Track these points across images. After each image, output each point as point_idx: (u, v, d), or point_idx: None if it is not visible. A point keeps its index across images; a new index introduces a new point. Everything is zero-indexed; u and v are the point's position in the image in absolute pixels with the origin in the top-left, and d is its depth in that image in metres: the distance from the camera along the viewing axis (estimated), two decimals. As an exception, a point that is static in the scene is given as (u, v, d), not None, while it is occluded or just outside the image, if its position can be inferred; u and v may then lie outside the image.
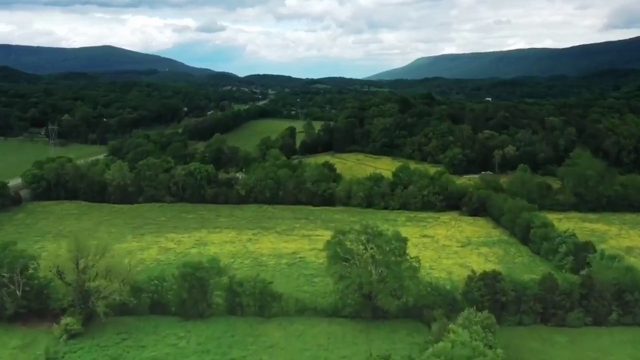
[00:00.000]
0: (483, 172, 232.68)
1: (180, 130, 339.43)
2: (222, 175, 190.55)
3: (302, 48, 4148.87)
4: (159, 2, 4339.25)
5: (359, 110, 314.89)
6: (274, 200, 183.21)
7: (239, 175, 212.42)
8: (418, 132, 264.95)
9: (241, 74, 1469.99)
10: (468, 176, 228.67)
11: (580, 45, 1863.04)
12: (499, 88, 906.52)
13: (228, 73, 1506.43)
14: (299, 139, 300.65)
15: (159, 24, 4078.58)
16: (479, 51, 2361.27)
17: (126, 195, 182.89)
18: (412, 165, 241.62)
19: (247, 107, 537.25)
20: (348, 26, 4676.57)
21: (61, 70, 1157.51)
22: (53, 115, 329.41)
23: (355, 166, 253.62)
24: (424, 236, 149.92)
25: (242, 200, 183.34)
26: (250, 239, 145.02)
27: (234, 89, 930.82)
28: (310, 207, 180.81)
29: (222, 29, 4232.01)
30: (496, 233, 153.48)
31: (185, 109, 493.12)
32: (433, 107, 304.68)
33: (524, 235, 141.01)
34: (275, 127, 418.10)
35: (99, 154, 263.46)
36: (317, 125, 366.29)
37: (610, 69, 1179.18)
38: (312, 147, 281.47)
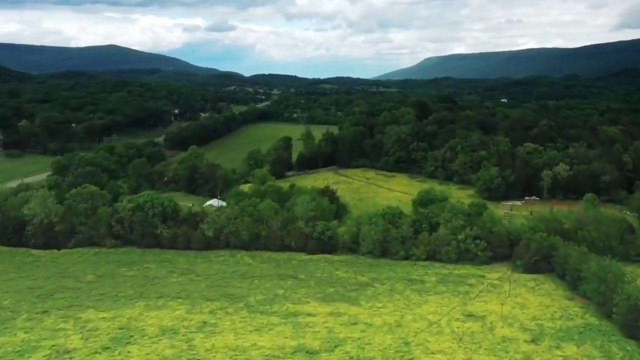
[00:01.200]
0: (527, 198, 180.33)
1: (158, 139, 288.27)
2: (185, 209, 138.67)
3: (311, 47, 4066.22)
4: (170, 1, 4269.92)
5: (368, 115, 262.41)
6: (253, 244, 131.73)
7: (215, 203, 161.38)
8: (441, 145, 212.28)
9: (248, 73, 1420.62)
10: (509, 203, 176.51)
11: (592, 45, 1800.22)
12: (513, 88, 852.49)
13: (234, 73, 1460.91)
14: (297, 149, 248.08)
15: (168, 23, 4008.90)
16: (488, 51, 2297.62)
17: (52, 238, 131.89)
18: (436, 186, 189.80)
19: (245, 109, 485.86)
20: (359, 26, 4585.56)
21: (65, 69, 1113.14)
22: (13, 120, 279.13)
23: (363, 187, 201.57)
24: (470, 316, 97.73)
25: (210, 245, 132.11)
26: (205, 322, 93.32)
27: (238, 89, 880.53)
28: (303, 256, 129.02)
29: (233, 28, 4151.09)
30: (577, 309, 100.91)
31: (177, 111, 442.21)
32: (457, 113, 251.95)
33: (629, 322, 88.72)
34: (273, 133, 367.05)
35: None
36: (321, 132, 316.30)
37: (625, 69, 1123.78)
38: (312, 162, 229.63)
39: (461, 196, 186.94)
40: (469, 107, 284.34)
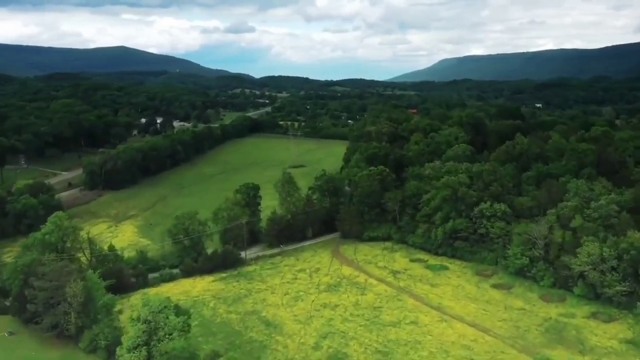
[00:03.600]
0: None
1: (65, 175, 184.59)
2: None
3: (327, 49, 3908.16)
4: (189, 2, 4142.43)
5: (390, 140, 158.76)
6: None
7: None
8: (534, 207, 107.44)
9: (260, 75, 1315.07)
10: None
11: (613, 46, 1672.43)
12: (544, 91, 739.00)
13: (245, 74, 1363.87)
14: (271, 201, 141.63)
15: (186, 25, 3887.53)
16: (504, 52, 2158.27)
17: None
18: (541, 308, 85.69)
19: (230, 120, 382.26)
20: (379, 27, 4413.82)
21: (67, 71, 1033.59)
22: None
23: (388, 298, 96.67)
24: None
25: None
26: None
27: (240, 91, 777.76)
28: None
29: (252, 30, 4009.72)
30: None
31: (143, 120, 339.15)
32: (540, 138, 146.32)
33: None
34: (260, 155, 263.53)
35: None
36: (327, 151, 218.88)
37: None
38: (293, 229, 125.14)
39: (609, 343, 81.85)
40: (549, 126, 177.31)
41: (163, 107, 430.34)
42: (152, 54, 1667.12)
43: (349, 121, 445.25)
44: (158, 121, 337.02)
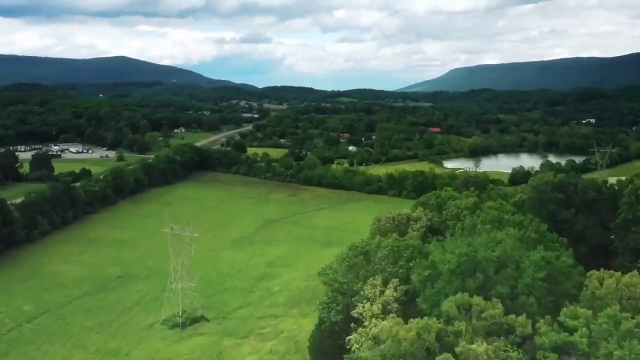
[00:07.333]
0: None
1: None
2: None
3: (340, 60, 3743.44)
4: (207, 12, 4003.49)
5: None
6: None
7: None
8: None
9: (266, 85, 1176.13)
10: None
11: (635, 54, 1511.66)
12: (588, 103, 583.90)
13: (248, 85, 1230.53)
14: None
15: (199, 37, 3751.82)
16: (517, 61, 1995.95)
17: None
18: None
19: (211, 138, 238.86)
20: (396, 37, 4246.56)
21: (63, 81, 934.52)
22: None
23: None
24: None
25: None
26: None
27: (241, 103, 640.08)
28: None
29: (268, 40, 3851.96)
30: None
31: None
32: None
33: None
34: (152, 247, 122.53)
35: None
36: (286, 228, 78.74)
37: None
38: None
39: None
40: None
41: (89, 129, 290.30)
42: (152, 64, 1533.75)
43: (351, 147, 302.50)
44: (20, 154, 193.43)
